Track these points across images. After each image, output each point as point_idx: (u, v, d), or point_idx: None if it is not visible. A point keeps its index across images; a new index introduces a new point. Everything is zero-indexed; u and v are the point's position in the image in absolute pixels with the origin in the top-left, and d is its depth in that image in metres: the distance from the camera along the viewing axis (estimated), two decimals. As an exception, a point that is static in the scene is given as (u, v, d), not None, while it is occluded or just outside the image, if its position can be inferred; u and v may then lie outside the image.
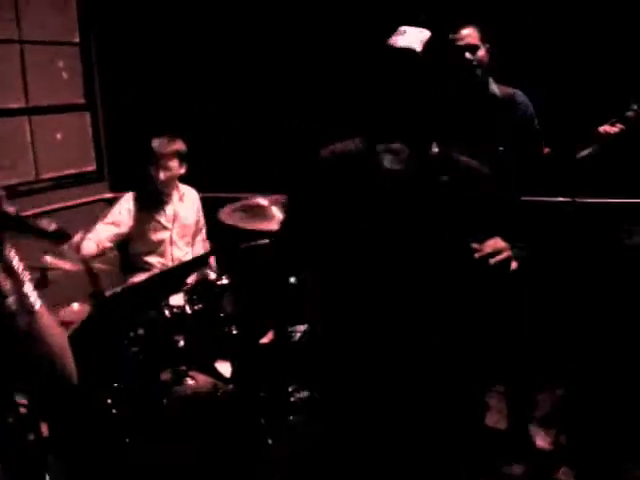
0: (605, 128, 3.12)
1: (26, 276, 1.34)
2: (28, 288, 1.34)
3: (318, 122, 4.52)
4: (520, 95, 3.36)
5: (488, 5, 3.76)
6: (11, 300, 1.31)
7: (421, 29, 2.12)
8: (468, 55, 3.18)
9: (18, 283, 1.33)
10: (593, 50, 3.78)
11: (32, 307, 1.34)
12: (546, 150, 3.43)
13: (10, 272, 1.31)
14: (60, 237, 1.50)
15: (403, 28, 2.13)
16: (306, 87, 4.60)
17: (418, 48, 2.06)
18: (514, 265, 2.15)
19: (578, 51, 3.81)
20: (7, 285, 1.30)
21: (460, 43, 3.18)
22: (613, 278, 3.68)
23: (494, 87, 3.32)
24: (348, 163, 2.22)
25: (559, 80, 3.82)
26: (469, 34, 3.19)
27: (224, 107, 4.87)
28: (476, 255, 2.08)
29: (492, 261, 2.09)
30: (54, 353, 1.41)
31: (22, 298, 1.32)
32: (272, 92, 4.72)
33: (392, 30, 2.16)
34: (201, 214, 4.37)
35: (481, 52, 3.21)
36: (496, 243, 2.15)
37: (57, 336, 1.43)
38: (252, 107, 4.76)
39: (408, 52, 2.06)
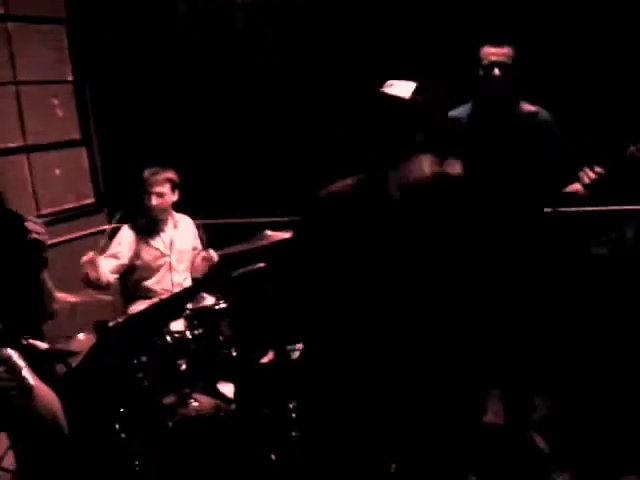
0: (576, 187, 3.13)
1: (22, 364, 1.57)
2: (25, 373, 1.57)
3: (309, 148, 4.68)
4: (542, 112, 3.40)
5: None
6: (13, 388, 1.53)
7: (408, 82, 2.24)
8: (497, 72, 3.21)
9: (17, 372, 1.55)
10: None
11: (29, 386, 1.56)
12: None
13: (10, 368, 1.53)
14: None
15: (390, 82, 2.27)
16: (299, 116, 4.74)
17: (407, 96, 2.20)
18: None
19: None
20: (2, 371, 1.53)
21: (493, 58, 3.22)
22: (579, 285, 3.78)
23: (520, 106, 3.39)
24: (346, 203, 2.36)
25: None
26: (505, 52, 3.23)
27: (218, 136, 5.01)
28: None
29: None
30: (49, 418, 1.65)
31: (22, 382, 1.54)
32: (263, 123, 4.85)
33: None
34: (198, 240, 4.51)
35: (511, 72, 3.23)
36: None
37: (51, 403, 1.66)
38: (244, 137, 4.90)
39: (397, 98, 2.21)
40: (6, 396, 1.57)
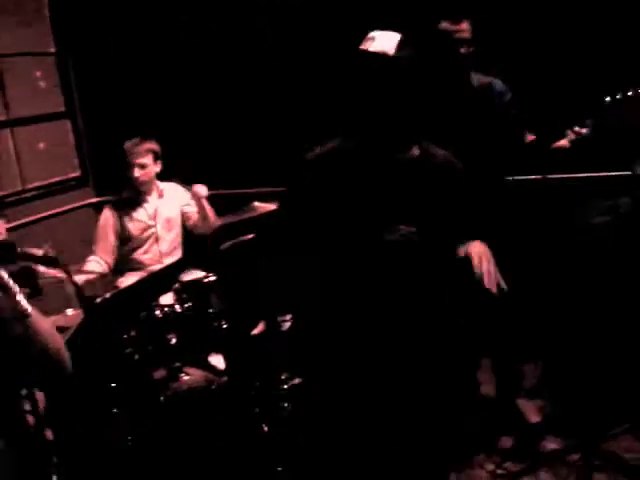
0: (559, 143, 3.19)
1: (16, 288, 1.49)
2: (20, 297, 1.49)
3: (296, 118, 4.64)
4: (497, 84, 3.37)
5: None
6: (6, 309, 1.46)
7: (391, 33, 2.19)
8: (462, 50, 3.17)
9: (10, 294, 1.47)
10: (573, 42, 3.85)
11: (25, 312, 1.49)
12: (531, 138, 3.42)
13: (1, 287, 1.45)
14: (50, 262, 1.68)
15: (372, 34, 2.20)
16: (287, 85, 4.70)
17: (391, 51, 2.15)
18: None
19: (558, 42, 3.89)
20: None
21: (455, 36, 3.17)
22: (574, 253, 3.78)
23: (473, 77, 3.35)
24: (333, 163, 2.33)
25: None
26: (465, 28, 3.17)
27: (204, 108, 4.96)
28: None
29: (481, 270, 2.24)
30: (50, 350, 1.57)
31: (15, 306, 1.47)
32: (250, 96, 4.81)
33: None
34: (187, 206, 4.42)
35: (472, 47, 3.20)
36: (479, 249, 2.28)
37: (51, 335, 1.58)
38: (230, 109, 4.85)
39: (381, 56, 2.14)
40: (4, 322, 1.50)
